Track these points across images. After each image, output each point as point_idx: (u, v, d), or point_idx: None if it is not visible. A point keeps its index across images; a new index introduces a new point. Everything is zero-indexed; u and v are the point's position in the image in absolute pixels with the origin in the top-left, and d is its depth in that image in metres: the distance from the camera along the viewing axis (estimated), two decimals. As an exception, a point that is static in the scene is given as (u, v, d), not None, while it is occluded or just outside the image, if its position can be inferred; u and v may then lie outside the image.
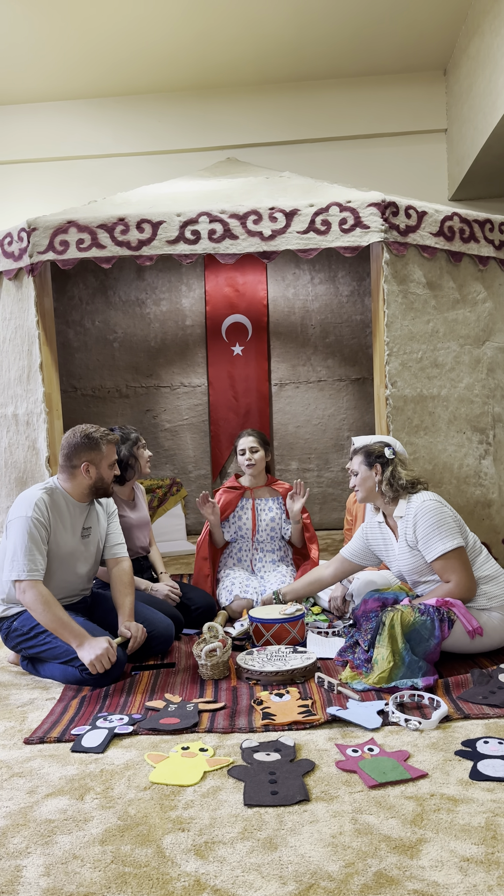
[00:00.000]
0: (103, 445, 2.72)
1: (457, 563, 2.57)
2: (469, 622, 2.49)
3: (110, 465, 2.76)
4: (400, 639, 2.40)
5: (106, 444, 2.73)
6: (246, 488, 3.63)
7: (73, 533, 2.71)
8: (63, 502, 2.70)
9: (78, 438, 2.70)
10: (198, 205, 3.72)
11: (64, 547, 2.68)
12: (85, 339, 5.65)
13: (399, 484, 2.73)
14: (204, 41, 5.27)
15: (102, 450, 2.71)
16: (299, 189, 4.00)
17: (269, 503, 3.60)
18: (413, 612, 2.46)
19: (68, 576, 2.73)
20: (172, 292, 5.63)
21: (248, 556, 3.59)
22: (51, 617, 2.48)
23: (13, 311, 3.87)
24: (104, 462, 2.73)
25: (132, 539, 3.31)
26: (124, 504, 3.31)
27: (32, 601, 2.49)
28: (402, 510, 2.72)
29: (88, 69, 5.56)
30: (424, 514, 2.63)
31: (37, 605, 2.49)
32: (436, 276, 3.81)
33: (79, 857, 1.54)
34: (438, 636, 2.43)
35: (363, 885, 1.41)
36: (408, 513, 2.69)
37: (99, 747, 2.05)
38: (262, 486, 3.64)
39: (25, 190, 6.05)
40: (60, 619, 2.49)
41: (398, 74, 5.85)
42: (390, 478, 2.74)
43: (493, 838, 1.55)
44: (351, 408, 5.66)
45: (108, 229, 3.65)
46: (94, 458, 2.70)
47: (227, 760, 1.94)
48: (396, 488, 2.73)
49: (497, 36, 4.48)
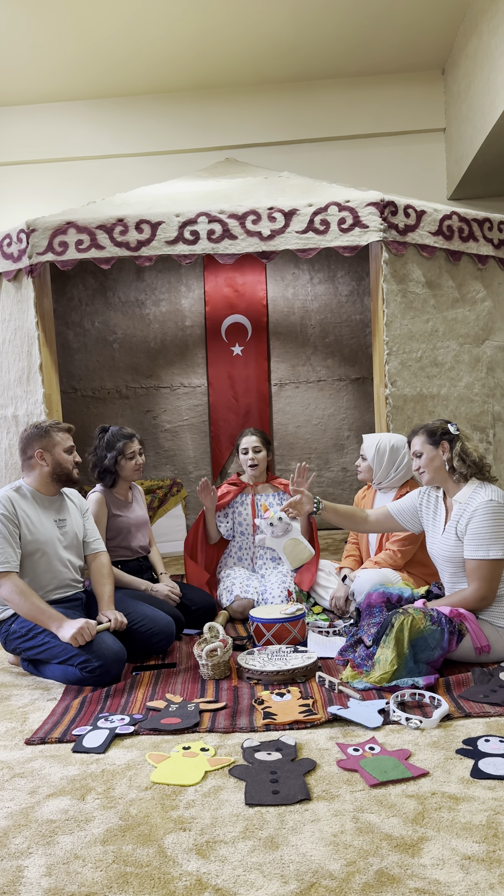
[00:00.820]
0: (53, 433, 2.79)
1: (488, 573, 2.49)
2: (479, 639, 2.45)
3: (66, 450, 2.81)
4: (406, 644, 2.37)
5: (56, 432, 2.80)
6: (246, 484, 3.65)
7: (48, 522, 2.78)
8: (31, 497, 2.79)
9: (28, 431, 2.80)
10: (197, 205, 3.72)
11: (41, 535, 2.74)
12: (84, 340, 5.65)
13: (471, 460, 2.59)
14: (202, 42, 5.28)
15: (53, 437, 2.79)
16: (298, 189, 4.00)
17: (270, 499, 3.60)
18: (424, 620, 2.39)
19: (55, 563, 2.78)
20: (172, 293, 5.63)
21: (248, 553, 3.60)
22: (28, 605, 2.55)
23: (13, 312, 3.88)
24: (58, 448, 2.79)
25: (132, 539, 3.30)
26: (120, 504, 3.30)
27: (8, 593, 2.58)
28: (466, 496, 2.58)
29: (87, 70, 5.57)
30: (486, 514, 2.50)
31: (12, 596, 2.57)
32: (435, 275, 3.81)
33: (80, 857, 1.54)
34: (445, 648, 2.39)
35: (365, 883, 1.41)
36: (469, 503, 2.55)
37: (100, 747, 2.05)
38: (263, 483, 3.66)
39: (24, 191, 6.06)
40: (38, 606, 2.56)
41: (396, 74, 5.86)
42: (461, 453, 2.59)
43: (495, 836, 1.55)
44: (351, 407, 5.66)
45: (107, 230, 3.65)
46: (47, 445, 2.77)
47: (229, 760, 1.94)
48: (469, 464, 2.58)
49: (495, 35, 4.48)
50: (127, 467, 3.25)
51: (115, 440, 3.23)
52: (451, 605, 2.51)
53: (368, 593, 2.70)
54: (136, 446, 3.28)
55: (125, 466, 3.25)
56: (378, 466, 3.18)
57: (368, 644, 2.49)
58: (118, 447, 3.22)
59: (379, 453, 3.17)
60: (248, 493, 3.62)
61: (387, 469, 3.17)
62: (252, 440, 3.58)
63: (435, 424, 2.70)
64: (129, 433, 3.28)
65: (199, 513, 3.70)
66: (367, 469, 3.24)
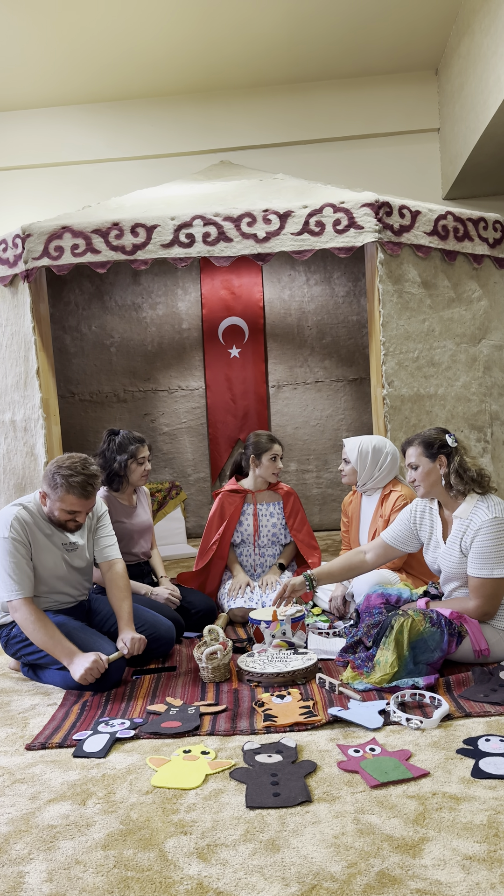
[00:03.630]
0: (60, 491, 2.55)
1: (490, 591, 2.45)
2: (478, 642, 2.44)
3: (64, 510, 2.59)
4: (406, 645, 2.36)
5: (64, 491, 2.54)
6: (248, 491, 3.57)
7: (55, 546, 2.68)
8: (41, 518, 2.66)
9: (50, 469, 2.59)
10: (192, 208, 3.73)
11: (47, 560, 2.66)
12: (82, 345, 5.65)
13: (469, 476, 2.50)
14: (196, 44, 5.28)
15: (59, 493, 2.56)
16: (293, 191, 4.01)
17: (271, 508, 3.56)
18: (424, 621, 2.38)
19: (59, 585, 2.71)
20: (168, 296, 5.64)
21: (249, 561, 3.56)
22: (41, 636, 2.48)
23: (9, 317, 3.88)
24: (57, 504, 2.58)
25: (134, 545, 3.29)
26: (124, 510, 3.29)
27: (24, 620, 2.51)
28: (467, 512, 2.49)
29: (80, 74, 5.57)
30: (490, 532, 2.42)
31: (27, 625, 2.50)
32: (430, 275, 3.82)
33: (81, 863, 1.54)
34: (444, 650, 2.38)
35: (366, 885, 1.41)
36: (473, 519, 2.47)
37: (101, 752, 2.05)
38: (264, 490, 3.59)
39: (19, 196, 6.06)
40: (51, 637, 2.47)
41: (390, 74, 5.87)
42: (458, 469, 2.50)
43: (496, 836, 1.55)
44: (349, 408, 5.66)
45: (102, 234, 3.65)
46: (49, 495, 2.60)
47: (229, 763, 1.94)
48: (467, 481, 2.49)
49: (487, 35, 4.49)
50: (136, 472, 3.22)
51: (128, 443, 3.19)
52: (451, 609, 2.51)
53: (368, 595, 2.70)
54: (146, 452, 3.25)
55: (135, 471, 3.22)
56: (362, 468, 3.18)
57: (368, 645, 2.48)
58: (130, 450, 3.18)
59: (362, 455, 3.16)
60: (250, 502, 3.55)
61: (370, 470, 3.18)
62: (279, 449, 3.50)
63: (432, 435, 2.58)
64: (141, 437, 3.25)
65: (198, 515, 3.67)
66: (350, 472, 3.21)
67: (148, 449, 3.28)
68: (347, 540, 3.40)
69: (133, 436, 3.24)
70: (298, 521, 3.57)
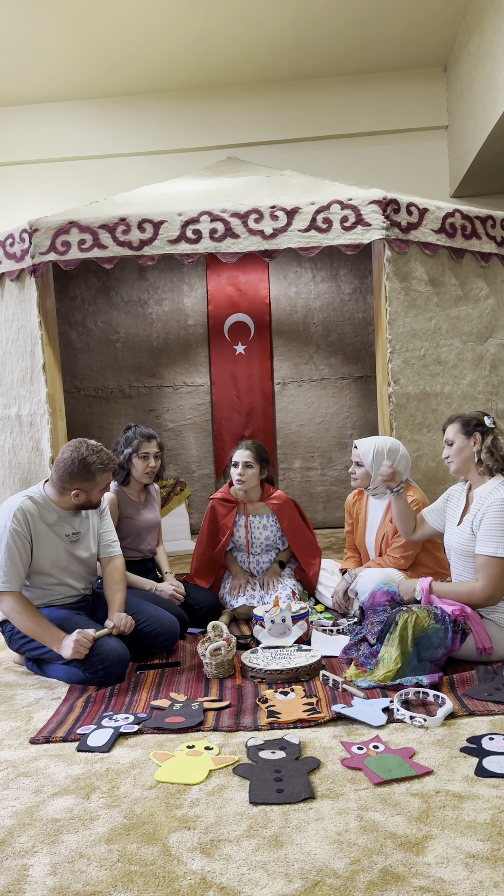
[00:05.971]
0: (98, 475, 2.66)
1: (496, 571, 2.47)
2: (482, 640, 2.45)
3: (101, 489, 2.72)
4: (410, 642, 2.37)
5: (101, 474, 2.67)
6: (239, 502, 3.43)
7: (59, 538, 2.70)
8: (47, 510, 2.69)
9: (75, 467, 2.63)
10: (199, 204, 3.72)
11: (50, 551, 2.68)
12: (87, 340, 5.66)
13: (500, 454, 2.59)
14: (204, 40, 5.27)
15: (97, 479, 2.67)
16: (300, 187, 4.00)
17: (263, 520, 3.43)
18: (428, 618, 2.39)
19: (63, 576, 2.74)
20: (174, 292, 5.63)
21: (245, 567, 3.52)
22: (27, 624, 2.52)
23: (16, 312, 3.88)
24: (96, 489, 2.70)
25: (140, 542, 3.30)
26: (133, 506, 3.29)
27: (9, 611, 2.55)
28: (487, 491, 2.58)
29: (88, 70, 5.57)
30: (498, 511, 2.48)
31: (13, 615, 2.54)
32: (438, 272, 3.80)
33: (85, 856, 1.55)
34: (448, 647, 2.38)
35: (369, 882, 1.41)
36: (488, 498, 2.54)
37: (104, 746, 2.05)
38: (256, 502, 3.43)
39: (27, 191, 6.07)
40: (38, 623, 2.52)
41: (398, 71, 5.84)
42: (491, 447, 2.60)
43: (499, 835, 1.54)
44: (354, 406, 5.65)
45: (109, 229, 3.65)
46: (86, 487, 2.67)
47: (233, 759, 1.94)
48: (498, 458, 2.59)
49: (497, 32, 4.47)
50: (139, 467, 3.22)
51: (134, 437, 3.23)
52: (458, 596, 2.51)
53: (373, 592, 2.69)
54: (152, 448, 3.23)
55: (136, 465, 3.22)
56: (376, 471, 3.12)
57: (372, 642, 2.48)
58: (134, 444, 3.21)
59: (377, 457, 3.12)
60: (242, 513, 3.43)
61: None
62: (244, 455, 3.33)
63: (472, 414, 2.71)
64: (149, 433, 3.26)
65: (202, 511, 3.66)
66: (363, 475, 3.15)
67: (157, 446, 3.26)
68: (352, 539, 3.38)
69: (142, 431, 3.25)
70: (296, 533, 3.44)
